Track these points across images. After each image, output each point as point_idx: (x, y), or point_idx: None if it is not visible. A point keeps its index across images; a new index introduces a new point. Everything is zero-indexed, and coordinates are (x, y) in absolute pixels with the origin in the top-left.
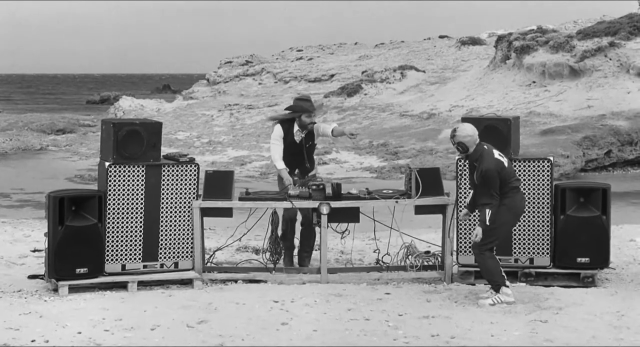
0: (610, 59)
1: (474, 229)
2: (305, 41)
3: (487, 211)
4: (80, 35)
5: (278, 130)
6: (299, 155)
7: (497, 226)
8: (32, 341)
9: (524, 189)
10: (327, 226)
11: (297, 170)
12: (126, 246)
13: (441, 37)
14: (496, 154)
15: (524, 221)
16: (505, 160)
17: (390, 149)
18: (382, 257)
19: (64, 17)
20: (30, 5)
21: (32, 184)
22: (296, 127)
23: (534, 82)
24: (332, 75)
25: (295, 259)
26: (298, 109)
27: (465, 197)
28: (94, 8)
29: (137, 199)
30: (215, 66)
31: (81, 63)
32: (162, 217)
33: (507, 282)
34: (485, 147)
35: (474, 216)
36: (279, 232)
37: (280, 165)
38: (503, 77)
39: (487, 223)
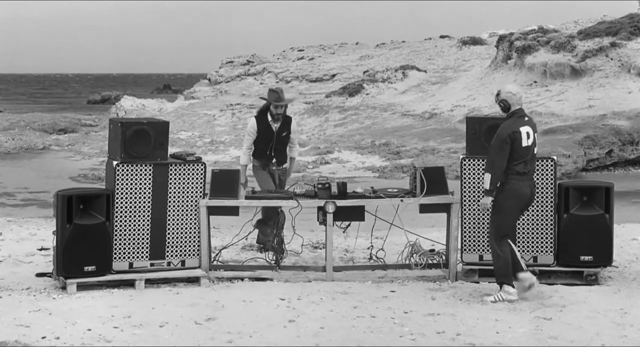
0: (612, 59)
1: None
2: (306, 41)
3: (487, 175)
4: (80, 35)
5: (252, 123)
6: (271, 142)
7: (501, 213)
8: (43, 338)
9: None
10: (333, 225)
11: (274, 160)
12: (134, 244)
13: (442, 37)
14: (523, 129)
15: (528, 220)
16: (526, 138)
17: (392, 149)
18: (377, 253)
19: (65, 16)
20: (30, 5)
21: (36, 184)
22: (270, 117)
23: (535, 82)
24: (334, 75)
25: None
26: (265, 99)
27: (468, 197)
28: (94, 8)
29: (144, 197)
30: (217, 66)
31: (80, 63)
32: (169, 215)
33: (516, 281)
34: (524, 117)
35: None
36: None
37: (243, 161)
38: (504, 77)
39: (488, 188)
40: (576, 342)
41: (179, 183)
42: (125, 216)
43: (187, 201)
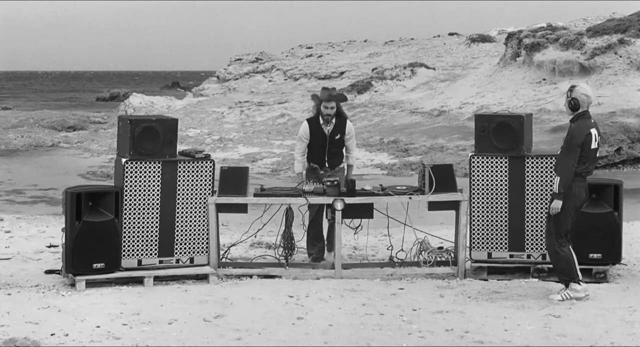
0: (620, 57)
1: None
2: (315, 38)
3: (557, 178)
4: (89, 33)
5: (303, 127)
6: (324, 148)
7: (560, 213)
8: (52, 335)
9: (539, 186)
10: (342, 222)
11: (327, 165)
12: (142, 241)
13: (451, 34)
14: (593, 131)
15: (537, 217)
16: (594, 140)
17: (400, 146)
18: (397, 254)
19: (72, 15)
20: (37, 4)
21: (45, 181)
22: (321, 120)
23: (544, 79)
24: (342, 73)
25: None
26: (315, 99)
27: (477, 194)
28: (103, 5)
29: (153, 195)
30: (225, 63)
31: (88, 60)
32: (177, 213)
33: (579, 279)
34: (590, 119)
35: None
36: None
37: (297, 168)
38: (513, 74)
39: (557, 191)
40: (585, 340)
41: (188, 180)
42: (134, 213)
43: (196, 198)
